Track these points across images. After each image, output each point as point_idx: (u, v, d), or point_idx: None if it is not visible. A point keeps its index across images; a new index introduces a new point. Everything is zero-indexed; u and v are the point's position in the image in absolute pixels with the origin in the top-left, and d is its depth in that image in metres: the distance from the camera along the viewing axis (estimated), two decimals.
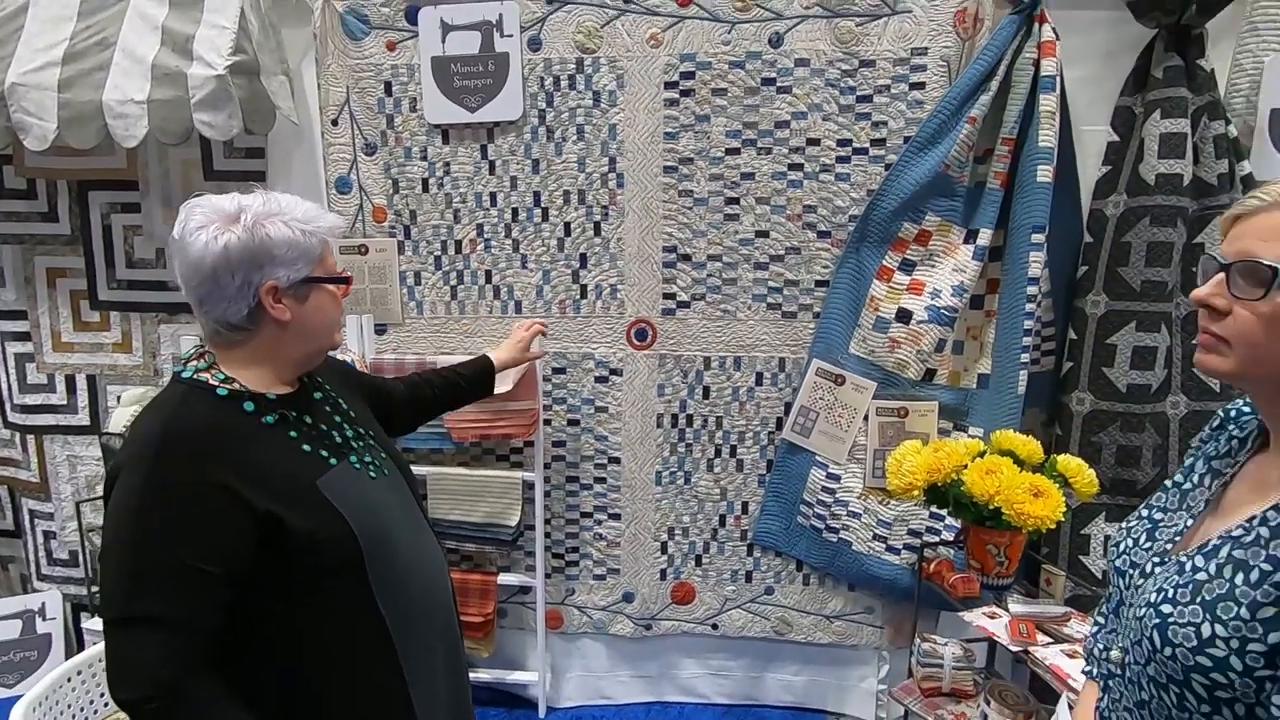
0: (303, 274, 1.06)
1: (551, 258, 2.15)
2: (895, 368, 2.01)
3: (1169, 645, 0.73)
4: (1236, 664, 0.69)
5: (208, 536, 0.97)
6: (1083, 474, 1.70)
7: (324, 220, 1.10)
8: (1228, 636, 0.69)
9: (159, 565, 0.96)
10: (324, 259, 1.10)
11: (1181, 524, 0.83)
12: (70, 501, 2.33)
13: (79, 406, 2.32)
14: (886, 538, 2.06)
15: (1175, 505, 0.86)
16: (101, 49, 1.97)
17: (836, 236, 2.05)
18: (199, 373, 1.07)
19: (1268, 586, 0.68)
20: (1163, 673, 0.74)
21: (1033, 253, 1.86)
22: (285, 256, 1.05)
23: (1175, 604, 0.74)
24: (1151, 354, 1.88)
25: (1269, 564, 0.69)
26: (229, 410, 1.05)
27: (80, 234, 2.23)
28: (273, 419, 1.08)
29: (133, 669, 0.95)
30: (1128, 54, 1.91)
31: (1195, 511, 0.83)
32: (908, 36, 1.93)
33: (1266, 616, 0.68)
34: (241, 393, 1.06)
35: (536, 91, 2.06)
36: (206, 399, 1.05)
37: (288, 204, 1.08)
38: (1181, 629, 0.72)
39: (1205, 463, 0.86)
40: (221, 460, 1.00)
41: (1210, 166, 1.85)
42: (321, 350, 1.16)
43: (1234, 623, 0.69)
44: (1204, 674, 0.71)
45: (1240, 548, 0.72)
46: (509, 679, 2.30)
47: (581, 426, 2.21)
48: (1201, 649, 0.71)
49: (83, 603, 2.37)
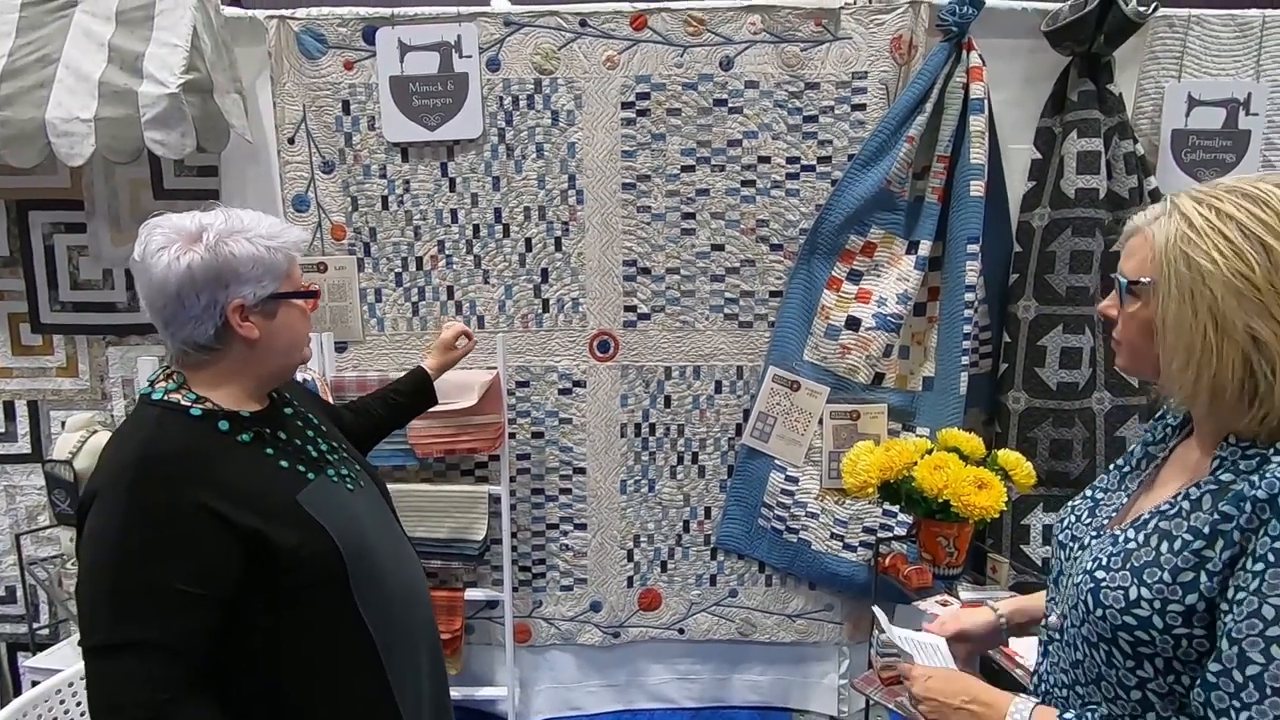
0: (269, 290, 1.05)
1: (513, 273, 2.18)
2: (846, 373, 2.11)
3: (1100, 607, 0.80)
4: (1158, 622, 0.76)
5: (190, 559, 0.96)
6: (1021, 467, 1.82)
7: (288, 235, 1.09)
8: (1151, 598, 0.77)
9: (141, 590, 0.95)
10: (290, 274, 1.10)
11: (1118, 502, 0.91)
12: (9, 534, 2.22)
13: (18, 434, 2.22)
14: (843, 536, 2.15)
15: (1115, 486, 0.94)
16: (43, 65, 1.91)
17: (788, 249, 2.15)
18: (169, 394, 1.05)
19: (1187, 554, 0.76)
20: (1094, 632, 0.81)
21: (969, 262, 2.00)
22: (250, 274, 1.04)
23: (1108, 570, 0.81)
24: (1078, 354, 2.04)
25: (1190, 534, 0.76)
26: (204, 430, 1.04)
27: (20, 255, 2.15)
28: (248, 437, 1.07)
29: (118, 696, 0.93)
30: (1047, 79, 2.08)
31: (1130, 491, 0.91)
32: (849, 61, 2.06)
33: (1185, 580, 0.75)
34: (215, 412, 1.06)
35: (496, 110, 2.10)
36: (180, 420, 1.04)
37: (250, 220, 1.07)
38: (1112, 592, 0.79)
39: (1143, 448, 0.94)
40: (200, 482, 0.99)
41: (1122, 181, 2.03)
42: (292, 366, 1.16)
43: (1157, 585, 0.77)
44: (1129, 632, 0.78)
45: (1165, 519, 0.79)
46: (478, 695, 2.29)
47: (546, 439, 2.24)
48: (1129, 610, 0.78)
49: (21, 642, 2.25)
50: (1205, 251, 0.75)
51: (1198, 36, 2.08)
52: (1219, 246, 0.74)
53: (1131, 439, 2.05)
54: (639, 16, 2.06)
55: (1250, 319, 0.73)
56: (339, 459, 1.18)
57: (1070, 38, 1.97)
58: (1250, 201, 0.75)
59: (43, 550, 2.20)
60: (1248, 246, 0.73)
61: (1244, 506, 0.73)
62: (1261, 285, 0.72)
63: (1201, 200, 0.78)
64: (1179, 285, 0.76)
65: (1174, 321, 0.77)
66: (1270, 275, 0.72)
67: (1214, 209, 0.76)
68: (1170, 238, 0.77)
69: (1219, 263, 0.74)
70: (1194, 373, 0.76)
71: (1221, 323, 0.74)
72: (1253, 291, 0.73)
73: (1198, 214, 0.76)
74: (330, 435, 1.22)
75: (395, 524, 1.25)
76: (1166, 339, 0.78)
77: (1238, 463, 0.77)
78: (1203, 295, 0.75)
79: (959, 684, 0.94)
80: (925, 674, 0.97)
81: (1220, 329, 0.74)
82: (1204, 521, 0.75)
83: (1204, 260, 0.74)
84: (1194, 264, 0.75)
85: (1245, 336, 0.73)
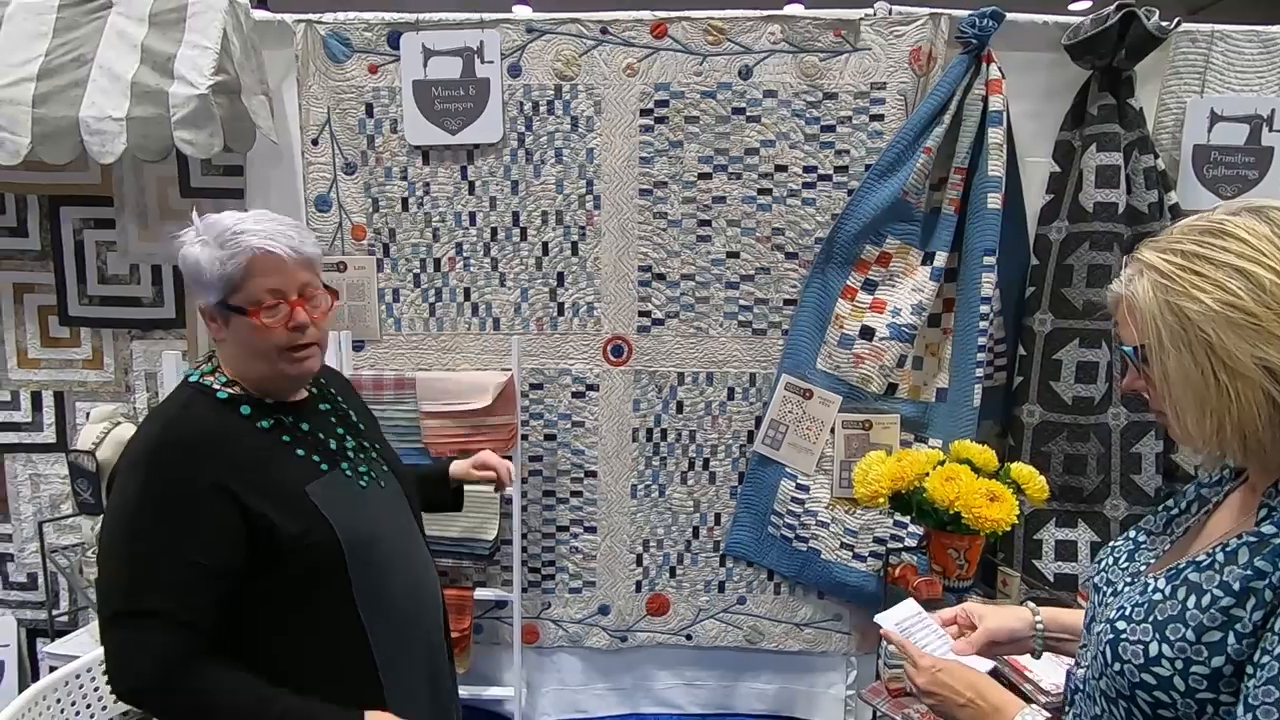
0: (215, 298, 1.06)
1: (530, 276, 2.20)
2: (859, 382, 2.11)
3: (1118, 660, 0.75)
4: (1180, 684, 0.71)
5: (201, 532, 1.01)
6: (1034, 480, 1.81)
7: (242, 242, 1.03)
8: (1173, 657, 0.71)
9: (155, 562, 0.99)
10: (242, 285, 1.04)
11: (1160, 547, 0.86)
12: (31, 522, 2.27)
13: (44, 424, 2.27)
14: (853, 546, 2.14)
15: (1160, 529, 0.88)
16: (78, 65, 1.97)
17: (803, 257, 2.15)
18: (204, 376, 1.11)
19: (1214, 611, 0.70)
20: (1112, 687, 0.76)
21: (985, 274, 1.99)
22: (201, 280, 1.05)
23: (1130, 621, 0.76)
24: (1094, 369, 2.02)
25: (1220, 590, 0.71)
26: (226, 413, 1.08)
27: (50, 249, 2.21)
28: (268, 424, 1.10)
29: (134, 661, 0.98)
30: (1066, 92, 2.07)
31: (1175, 536, 0.86)
32: (867, 72, 2.06)
33: (1212, 640, 0.70)
34: (240, 396, 1.10)
35: (516, 116, 2.13)
36: (207, 402, 1.09)
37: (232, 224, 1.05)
38: (1131, 645, 0.74)
39: (1196, 489, 0.88)
40: (215, 461, 1.03)
41: (1142, 196, 2.01)
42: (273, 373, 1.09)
43: (1179, 644, 0.71)
44: (1148, 691, 0.73)
45: (1198, 571, 0.74)
46: (485, 694, 2.31)
47: (558, 441, 2.26)
48: (1148, 666, 0.73)
49: (41, 628, 2.30)
50: (1185, 293, 0.71)
51: (1221, 51, 2.06)
52: (1196, 284, 0.71)
53: (1148, 456, 2.04)
54: (659, 25, 2.08)
55: (1254, 348, 0.69)
56: (363, 457, 1.20)
57: (1091, 52, 1.96)
58: (1210, 235, 0.73)
59: (65, 538, 2.25)
60: (1223, 276, 0.70)
61: (1279, 563, 0.68)
62: (1254, 310, 0.69)
63: (1163, 248, 0.75)
64: (1171, 337, 0.73)
65: (1177, 375, 0.73)
66: (1259, 297, 0.69)
67: (1178, 252, 0.73)
68: (1149, 293, 0.74)
69: (1203, 300, 0.70)
70: (1213, 422, 0.72)
71: (1229, 362, 0.70)
72: (1247, 319, 0.69)
73: (1164, 262, 0.74)
74: (365, 435, 1.24)
75: (411, 525, 1.25)
76: (1173, 394, 0.74)
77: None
78: (1199, 339, 0.71)
79: (966, 679, 0.90)
80: (933, 665, 0.94)
81: (1229, 369, 0.70)
82: (1236, 577, 0.70)
83: (1188, 302, 0.71)
84: (1179, 310, 0.72)
85: (1257, 369, 0.69)
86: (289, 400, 1.15)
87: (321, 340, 1.13)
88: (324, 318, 1.13)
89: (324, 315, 1.12)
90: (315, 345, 1.12)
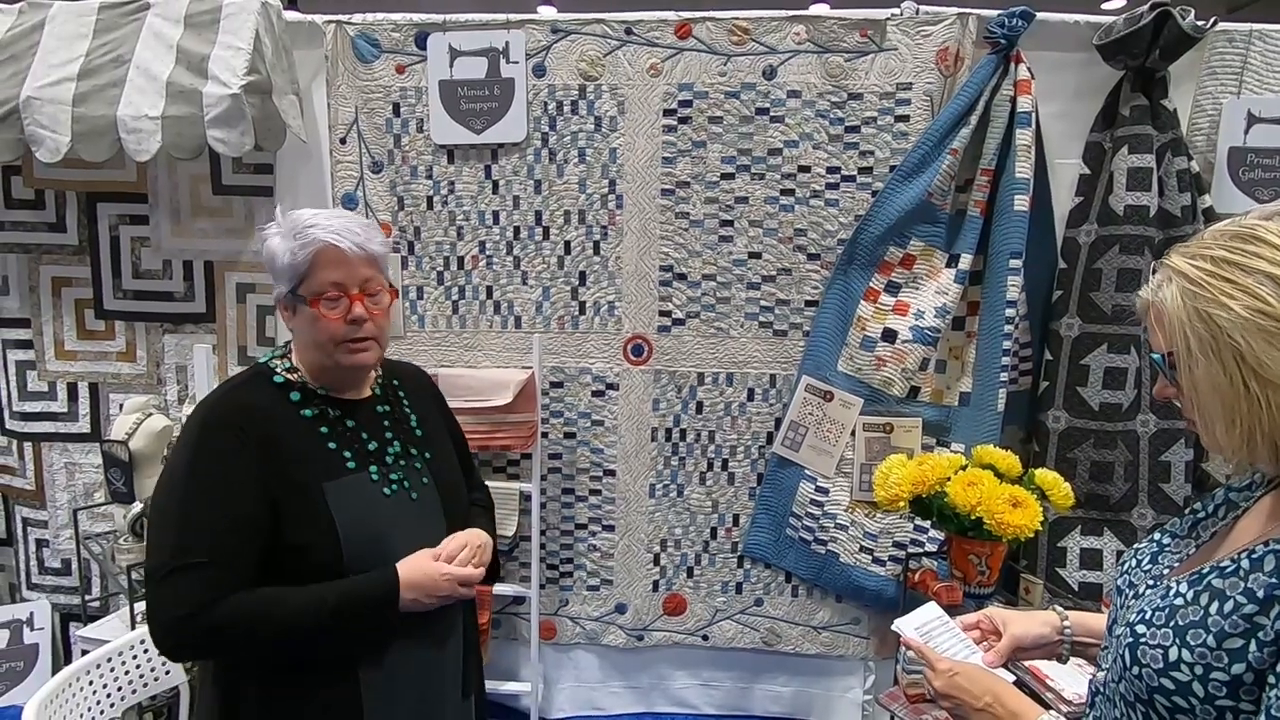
0: (286, 288, 1.13)
1: (551, 275, 2.22)
2: (881, 385, 2.10)
3: (1137, 664, 0.75)
4: (1199, 690, 0.70)
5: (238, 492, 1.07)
6: (1059, 487, 1.78)
7: (309, 235, 1.09)
8: (1193, 662, 0.71)
9: (198, 519, 1.06)
10: (308, 276, 1.10)
11: (1185, 551, 0.85)
12: (66, 509, 2.34)
13: (80, 414, 2.34)
14: (873, 550, 2.12)
15: (1185, 532, 0.87)
16: (116, 66, 2.02)
17: (826, 259, 2.14)
18: (272, 359, 1.18)
19: (1237, 618, 0.70)
20: (1131, 690, 0.76)
21: (1010, 277, 1.97)
22: (275, 269, 1.13)
23: (1150, 625, 0.76)
24: (1122, 374, 1.99)
25: (1244, 596, 0.70)
26: (276, 396, 1.14)
27: (88, 244, 2.27)
28: (311, 413, 1.14)
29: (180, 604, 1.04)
30: (1098, 93, 2.04)
31: (1201, 540, 0.84)
32: (893, 72, 2.05)
33: (1233, 647, 0.69)
34: (294, 383, 1.15)
35: (540, 115, 2.15)
36: (262, 382, 1.15)
37: (305, 218, 1.12)
38: (1151, 650, 0.74)
39: (1225, 493, 0.87)
40: (255, 436, 1.09)
41: (1174, 199, 1.97)
42: (335, 363, 1.14)
43: (1200, 649, 0.71)
44: (1166, 696, 0.72)
45: (1222, 577, 0.73)
46: (502, 689, 2.32)
47: (578, 439, 2.27)
48: (1167, 671, 0.72)
49: (74, 613, 2.37)
50: (1214, 299, 0.71)
51: (1259, 52, 2.01)
52: (1226, 291, 0.70)
53: (1177, 464, 1.99)
54: (684, 25, 2.08)
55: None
56: (402, 464, 1.18)
57: (1124, 52, 1.93)
58: (1239, 240, 0.72)
59: (97, 526, 2.31)
60: (1254, 283, 0.69)
61: None
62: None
63: (1192, 254, 0.74)
64: (1200, 345, 0.72)
65: (1207, 383, 0.72)
66: None
67: (1207, 258, 0.73)
68: (1177, 299, 0.73)
69: (1233, 308, 0.69)
70: (1243, 430, 0.71)
71: (1259, 370, 0.69)
72: (1277, 326, 0.68)
73: (1193, 268, 0.73)
74: (419, 442, 1.22)
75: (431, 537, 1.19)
76: (1201, 402, 0.74)
77: None
78: (1229, 347, 0.70)
79: (984, 683, 0.90)
80: (950, 669, 0.93)
81: (1260, 378, 0.69)
82: (1261, 584, 0.70)
83: (1217, 310, 0.70)
84: (1208, 317, 0.71)
85: None
86: (346, 395, 1.19)
87: (381, 336, 1.17)
88: (384, 314, 1.16)
89: (384, 312, 1.16)
90: (373, 340, 1.15)
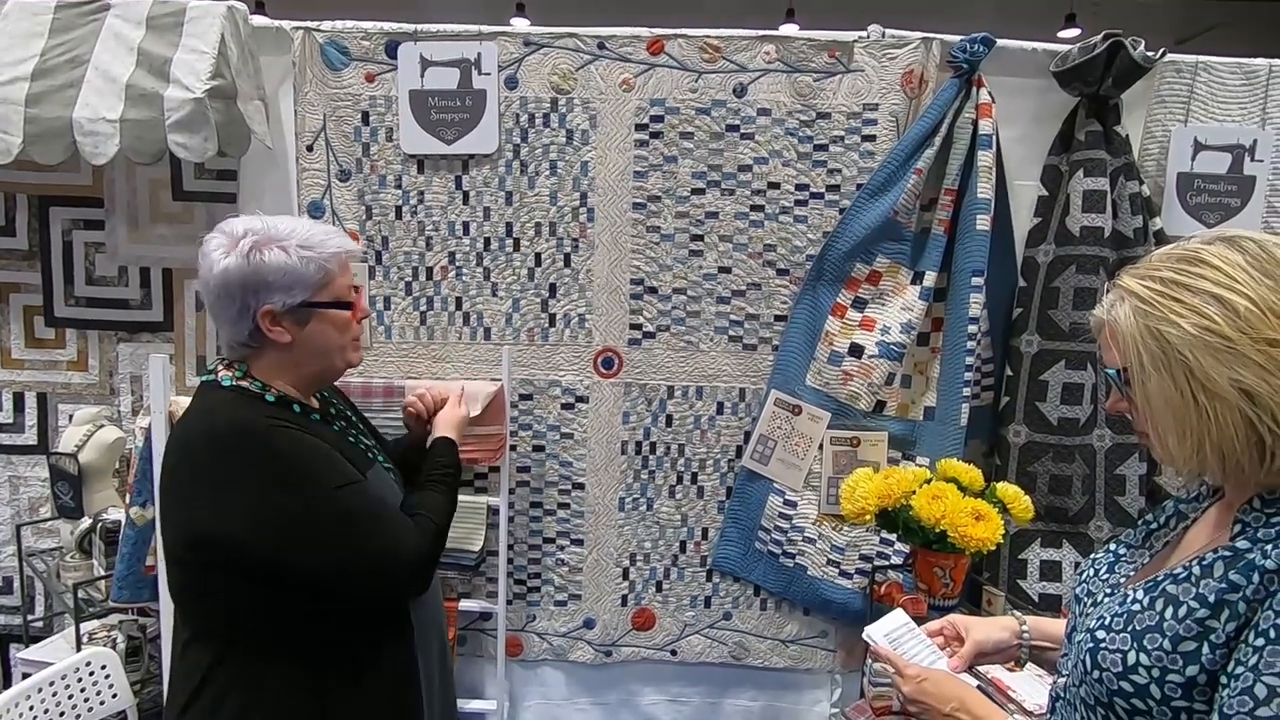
0: (299, 299, 1.10)
1: (521, 287, 2.21)
2: (848, 399, 2.12)
3: (1098, 668, 0.78)
4: (1155, 692, 0.74)
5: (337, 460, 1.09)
6: (1019, 500, 1.82)
7: (328, 245, 1.12)
8: (1150, 665, 0.74)
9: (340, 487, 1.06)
10: (327, 284, 1.12)
11: (1140, 560, 0.89)
12: (9, 525, 2.24)
13: (26, 425, 2.24)
14: (840, 562, 2.14)
15: (1139, 542, 0.91)
16: (73, 66, 1.96)
17: (794, 274, 2.17)
18: (238, 380, 1.12)
19: (1190, 622, 0.73)
20: (1092, 694, 0.79)
21: (973, 294, 2.02)
22: (280, 283, 1.08)
23: (1109, 630, 0.79)
24: (1079, 390, 2.04)
25: (1196, 601, 0.74)
26: (281, 411, 1.12)
27: (39, 249, 2.19)
28: (318, 417, 1.18)
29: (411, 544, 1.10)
30: (1055, 118, 2.11)
31: (1154, 550, 0.88)
32: (860, 93, 2.09)
33: (1186, 650, 0.73)
34: (286, 397, 1.14)
35: (512, 127, 2.14)
36: (257, 401, 1.11)
37: (290, 229, 1.11)
38: (1110, 654, 0.77)
39: (1174, 505, 0.91)
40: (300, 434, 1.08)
41: (1127, 221, 2.05)
42: (333, 370, 1.20)
43: (1156, 653, 0.74)
44: (1125, 699, 0.75)
45: (1175, 584, 0.77)
46: (467, 707, 2.28)
47: (547, 452, 2.25)
48: (1125, 675, 0.75)
49: (15, 634, 2.26)
50: (1164, 318, 0.75)
51: (1205, 82, 2.11)
52: (1175, 310, 0.74)
53: (1131, 478, 2.05)
54: (656, 41, 2.10)
55: (1231, 371, 0.72)
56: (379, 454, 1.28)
57: (1079, 79, 2.00)
58: (1185, 262, 0.76)
59: (42, 542, 2.21)
60: (1200, 302, 0.73)
61: (1253, 577, 0.71)
62: (1230, 335, 0.72)
63: (1142, 275, 0.79)
64: (1152, 360, 0.76)
65: (1159, 397, 0.76)
66: (1234, 322, 0.72)
67: (1157, 279, 0.77)
68: (1130, 318, 0.78)
69: (1182, 325, 0.74)
70: (1194, 443, 0.75)
71: (1207, 384, 0.73)
72: (1223, 343, 0.72)
73: (1143, 288, 0.77)
74: (371, 434, 1.32)
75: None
76: (1154, 415, 0.78)
77: (1258, 530, 0.74)
78: (1178, 362, 0.74)
79: (952, 690, 0.92)
80: (919, 675, 0.95)
81: (1208, 391, 0.73)
82: (1212, 590, 0.73)
83: (1168, 327, 0.74)
84: (1159, 334, 0.75)
85: (1233, 392, 0.72)
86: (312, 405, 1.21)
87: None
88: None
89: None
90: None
